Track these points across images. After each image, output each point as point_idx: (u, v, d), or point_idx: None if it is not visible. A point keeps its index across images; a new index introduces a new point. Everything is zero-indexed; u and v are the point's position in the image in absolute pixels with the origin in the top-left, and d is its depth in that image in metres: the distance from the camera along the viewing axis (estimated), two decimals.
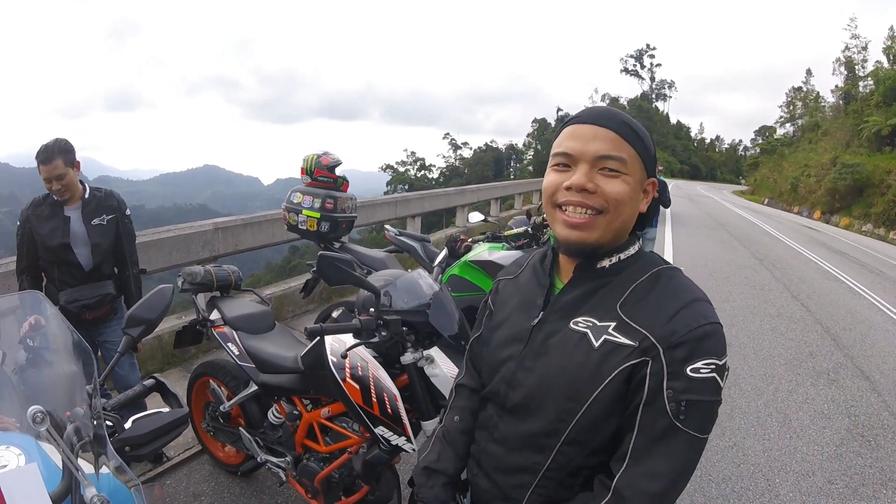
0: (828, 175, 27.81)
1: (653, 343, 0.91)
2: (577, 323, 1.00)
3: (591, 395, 0.95)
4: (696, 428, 0.90)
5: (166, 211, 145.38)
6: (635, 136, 0.99)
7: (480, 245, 4.15)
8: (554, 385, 1.00)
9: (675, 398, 0.89)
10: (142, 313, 1.48)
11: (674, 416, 0.89)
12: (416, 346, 1.98)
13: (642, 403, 0.91)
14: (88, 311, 2.82)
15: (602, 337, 0.96)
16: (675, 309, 0.93)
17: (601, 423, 0.96)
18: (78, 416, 1.01)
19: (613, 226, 0.98)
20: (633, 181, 0.98)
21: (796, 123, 60.72)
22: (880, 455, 3.60)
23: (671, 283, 0.99)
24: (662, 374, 0.90)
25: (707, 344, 0.90)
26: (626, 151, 0.97)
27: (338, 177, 4.06)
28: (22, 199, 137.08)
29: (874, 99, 30.59)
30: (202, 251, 4.57)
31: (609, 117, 0.99)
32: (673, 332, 0.91)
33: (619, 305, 0.97)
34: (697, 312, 0.93)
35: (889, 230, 21.18)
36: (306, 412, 2.34)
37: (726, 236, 14.69)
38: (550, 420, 1.00)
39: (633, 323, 0.94)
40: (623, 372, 0.93)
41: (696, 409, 0.89)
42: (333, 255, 1.81)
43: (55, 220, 2.72)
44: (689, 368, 0.89)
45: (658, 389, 0.90)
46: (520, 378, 1.06)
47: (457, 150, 74.34)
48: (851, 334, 6.34)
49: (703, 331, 0.91)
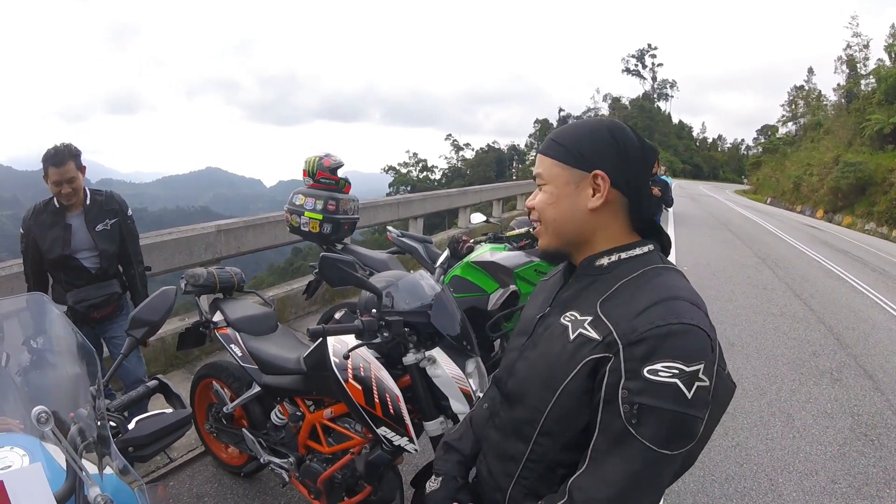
0: (830, 174, 27.74)
1: (615, 339, 0.89)
2: (565, 317, 1.01)
3: (560, 385, 0.96)
4: (650, 438, 0.84)
5: (169, 213, 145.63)
6: (555, 146, 1.04)
7: (482, 246, 4.15)
8: (536, 374, 1.03)
9: (628, 399, 0.85)
10: (145, 315, 1.49)
11: (626, 420, 0.85)
12: (418, 347, 1.98)
13: (601, 402, 0.89)
14: (96, 310, 2.85)
15: (578, 330, 0.96)
16: (645, 305, 0.90)
17: (571, 416, 0.95)
18: (82, 416, 1.02)
19: (551, 229, 1.05)
20: (553, 186, 1.03)
21: (798, 122, 60.65)
22: (884, 454, 3.59)
23: (654, 280, 0.96)
24: (620, 372, 0.87)
25: (670, 344, 0.85)
26: (542, 165, 1.05)
27: (340, 178, 4.07)
28: (24, 202, 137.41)
29: (876, 97, 30.49)
30: (205, 253, 4.58)
31: (546, 143, 1.07)
32: (634, 329, 0.87)
33: (600, 301, 0.97)
34: (668, 310, 0.88)
35: (892, 228, 21.10)
36: (309, 413, 2.34)
37: (729, 236, 14.67)
38: (531, 409, 1.02)
39: (605, 318, 0.93)
40: (588, 365, 0.92)
41: (651, 415, 0.84)
42: (335, 257, 1.82)
43: (56, 228, 2.72)
44: (646, 369, 0.84)
45: (615, 388, 0.87)
46: (518, 367, 1.10)
47: (459, 151, 74.36)
48: (854, 333, 6.33)
49: (668, 329, 0.85)
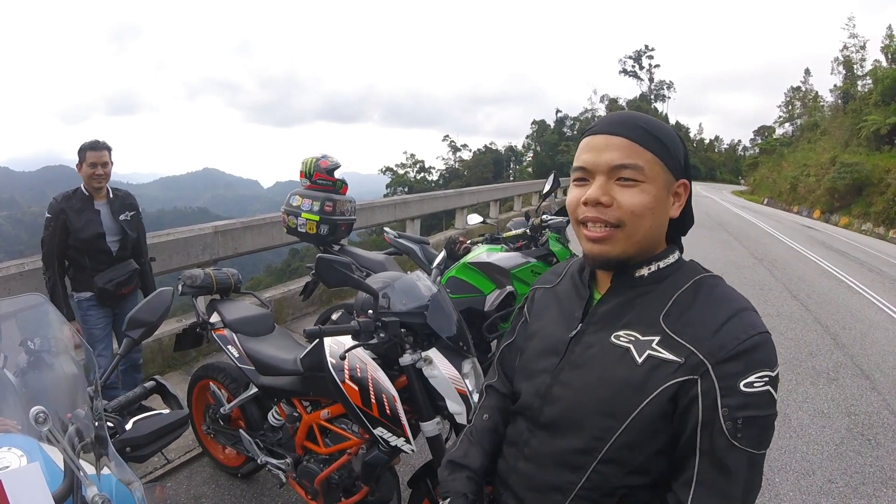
0: (827, 174, 27.83)
1: (700, 359, 0.87)
2: (619, 337, 0.96)
3: (632, 411, 0.90)
4: (754, 444, 0.85)
5: (166, 214, 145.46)
6: (653, 138, 0.93)
7: (479, 247, 4.16)
8: (593, 400, 0.95)
9: (730, 416, 0.84)
10: (142, 315, 1.49)
11: (731, 436, 0.84)
12: (415, 348, 1.99)
13: (699, 425, 0.86)
14: (123, 287, 3.19)
15: (646, 352, 0.91)
16: (721, 321, 0.88)
17: (642, 442, 0.91)
18: (79, 417, 1.02)
19: (635, 238, 0.94)
20: (654, 188, 0.93)
21: (795, 123, 60.77)
22: (881, 454, 3.61)
23: (714, 292, 0.94)
24: (715, 391, 0.85)
25: (758, 355, 0.86)
26: (641, 158, 0.92)
27: (336, 179, 4.08)
28: (22, 203, 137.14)
29: (873, 98, 30.64)
30: (202, 254, 4.58)
31: (623, 123, 0.95)
32: (721, 347, 0.86)
33: (661, 318, 0.93)
34: (745, 323, 0.88)
35: (888, 229, 21.19)
36: (306, 414, 2.35)
37: (726, 236, 14.70)
38: (587, 437, 0.95)
39: (678, 337, 0.90)
40: (669, 389, 0.88)
41: (754, 425, 0.85)
42: (331, 258, 1.83)
43: (88, 212, 3.09)
44: (742, 384, 0.84)
45: (713, 408, 0.85)
46: (555, 392, 1.01)
47: (456, 152, 74.30)
48: (851, 333, 6.35)
49: (753, 342, 0.86)
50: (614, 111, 1.30)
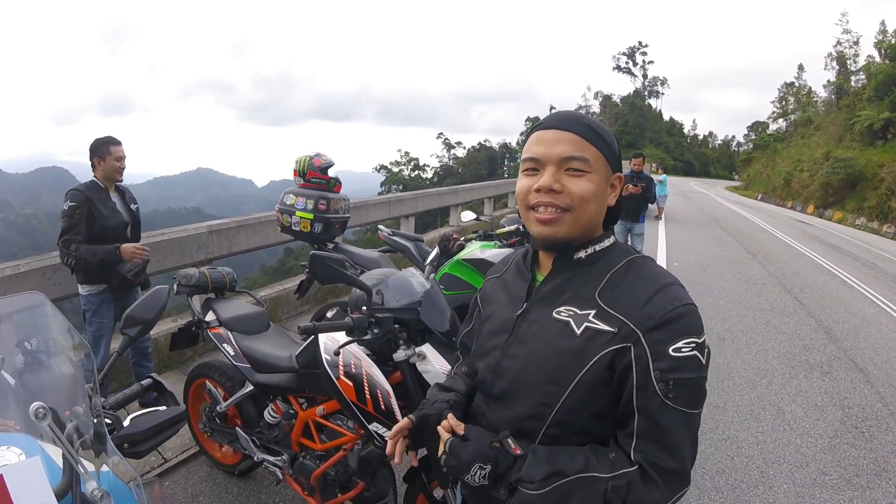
0: (821, 170, 27.97)
1: (632, 328, 0.96)
2: (560, 312, 1.05)
3: (574, 378, 1.00)
4: (686, 404, 0.95)
5: (160, 215, 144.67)
6: (597, 136, 1.05)
7: (472, 244, 4.18)
8: (538, 370, 1.05)
9: (662, 378, 0.94)
10: (139, 314, 1.51)
11: (664, 396, 0.94)
12: (409, 344, 2.00)
13: (635, 388, 0.96)
14: (140, 276, 3.31)
15: (584, 324, 1.01)
16: (649, 294, 0.99)
17: (585, 405, 1.01)
18: (78, 414, 1.03)
19: (581, 221, 1.05)
20: (598, 178, 1.04)
21: (789, 119, 61.05)
22: (874, 446, 3.65)
23: (643, 269, 1.05)
24: (647, 357, 0.95)
25: (683, 324, 0.96)
26: (588, 151, 1.03)
27: (330, 178, 4.08)
28: (15, 205, 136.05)
29: (866, 93, 30.75)
30: (197, 254, 4.59)
31: (571, 121, 1.06)
32: (650, 317, 0.96)
33: (597, 293, 1.03)
34: (672, 296, 0.98)
35: (882, 223, 21.29)
36: (302, 411, 2.36)
37: (719, 232, 14.76)
38: (535, 404, 1.05)
39: (612, 310, 1.00)
40: (605, 356, 0.98)
41: (683, 386, 0.94)
42: (325, 255, 1.84)
43: (109, 202, 3.24)
44: (671, 349, 0.94)
45: (646, 372, 0.95)
46: (505, 365, 1.11)
47: (450, 150, 74.36)
48: (845, 327, 6.40)
49: (678, 312, 0.96)
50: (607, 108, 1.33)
